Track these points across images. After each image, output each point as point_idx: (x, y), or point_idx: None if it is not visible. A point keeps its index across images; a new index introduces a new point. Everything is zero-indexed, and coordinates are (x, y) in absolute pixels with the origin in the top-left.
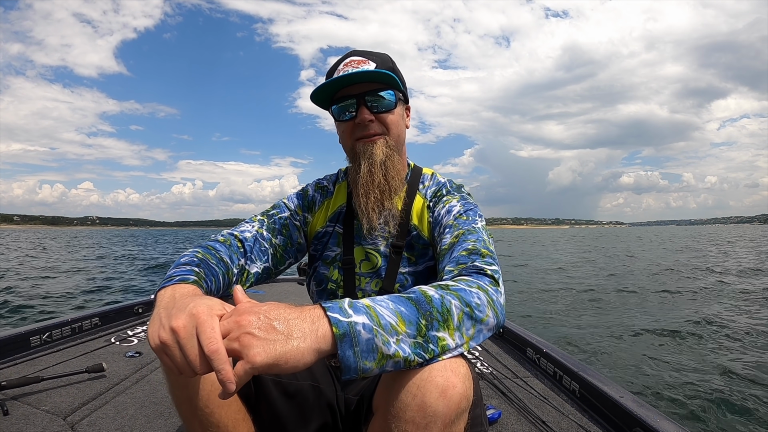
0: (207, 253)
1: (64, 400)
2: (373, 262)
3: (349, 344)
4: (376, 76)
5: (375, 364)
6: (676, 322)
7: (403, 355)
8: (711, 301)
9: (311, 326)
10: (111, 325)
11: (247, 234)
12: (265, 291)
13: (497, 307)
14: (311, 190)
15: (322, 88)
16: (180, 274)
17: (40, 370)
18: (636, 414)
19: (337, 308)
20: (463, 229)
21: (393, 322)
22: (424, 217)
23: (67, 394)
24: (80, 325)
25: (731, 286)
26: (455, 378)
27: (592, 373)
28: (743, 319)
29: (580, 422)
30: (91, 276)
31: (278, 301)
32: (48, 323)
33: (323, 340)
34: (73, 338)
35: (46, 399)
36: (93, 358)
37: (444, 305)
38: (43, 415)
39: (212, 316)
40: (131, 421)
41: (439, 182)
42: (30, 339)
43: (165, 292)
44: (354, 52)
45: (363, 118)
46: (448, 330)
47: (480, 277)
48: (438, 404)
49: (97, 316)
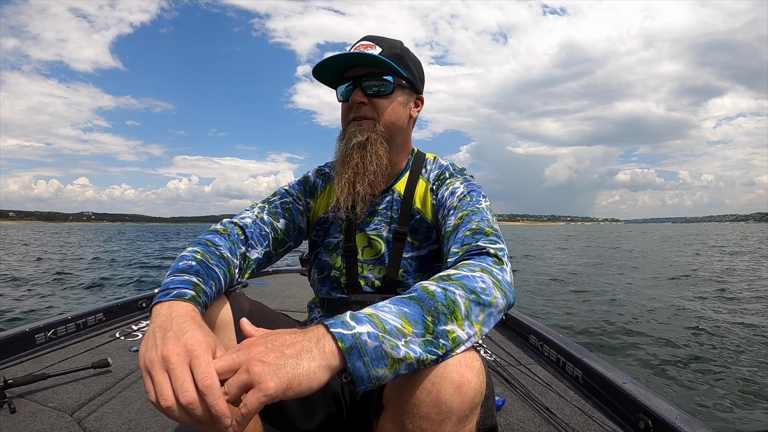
0: (206, 252)
1: (71, 397)
2: (376, 248)
3: (358, 355)
4: (373, 60)
5: (388, 371)
6: (684, 314)
7: (415, 356)
8: (726, 305)
9: (317, 345)
10: (115, 320)
11: (247, 220)
12: (268, 282)
13: (504, 286)
14: (312, 176)
15: (323, 64)
16: (177, 286)
17: (46, 367)
18: (639, 400)
19: (339, 323)
20: (467, 210)
21: (398, 325)
22: (427, 200)
23: (74, 390)
24: (85, 321)
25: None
26: (470, 373)
27: (595, 359)
28: (747, 317)
29: (583, 408)
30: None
31: (281, 292)
32: (52, 320)
33: (331, 356)
34: (78, 334)
35: (53, 396)
36: (98, 354)
37: (448, 297)
38: (50, 411)
39: (207, 352)
40: (138, 415)
41: (442, 165)
42: (35, 336)
43: (161, 308)
44: (367, 37)
45: (354, 99)
46: (457, 321)
47: (483, 258)
48: (453, 400)
49: (101, 312)
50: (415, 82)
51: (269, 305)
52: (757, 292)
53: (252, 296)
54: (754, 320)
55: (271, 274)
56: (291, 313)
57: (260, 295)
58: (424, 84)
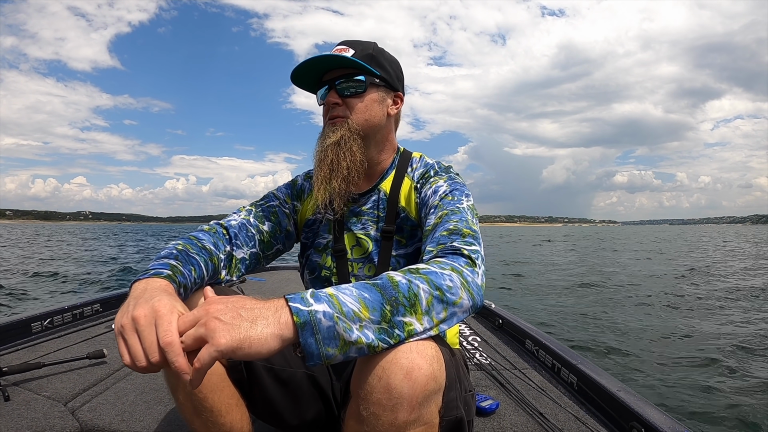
0: (187, 244)
1: (65, 386)
2: (365, 247)
3: (311, 332)
4: (344, 61)
5: (338, 351)
6: (680, 321)
7: (366, 341)
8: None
9: (274, 314)
10: (112, 312)
11: (232, 222)
12: (266, 279)
13: (472, 288)
14: (300, 180)
15: (299, 70)
16: (156, 267)
17: (41, 356)
18: (632, 407)
19: (299, 298)
20: (447, 210)
21: (356, 309)
22: (411, 198)
23: (68, 380)
24: (81, 311)
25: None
26: (421, 359)
27: (590, 366)
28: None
29: (577, 414)
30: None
31: (278, 288)
32: (49, 309)
33: (285, 327)
34: (75, 324)
35: (47, 385)
36: (94, 344)
37: (411, 290)
38: (44, 400)
39: (172, 312)
40: (131, 407)
41: (427, 164)
42: (31, 325)
43: (139, 284)
44: (342, 42)
45: (329, 100)
46: (416, 315)
47: (455, 258)
48: (403, 386)
49: (98, 303)
50: (391, 79)
51: None
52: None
53: (249, 292)
54: (755, 320)
55: (269, 271)
56: None
57: (257, 290)
58: (402, 82)
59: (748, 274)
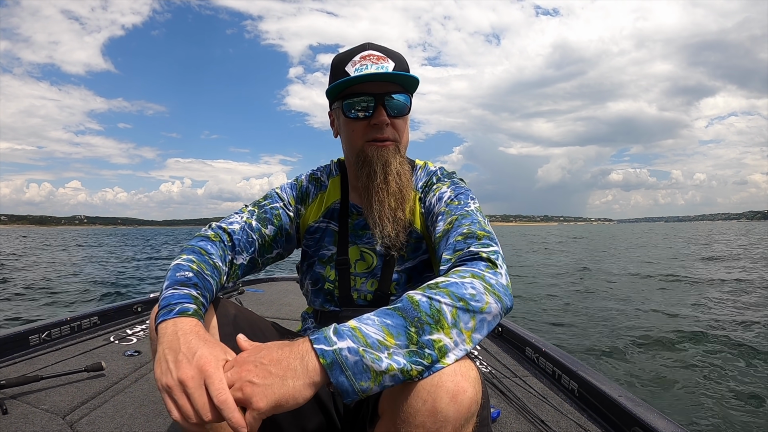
0: (201, 262)
1: (63, 399)
2: (369, 261)
3: (339, 370)
4: (401, 78)
5: (372, 383)
6: (677, 323)
7: (398, 367)
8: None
9: (301, 363)
10: (110, 324)
11: (235, 226)
12: (264, 290)
13: (498, 290)
14: (305, 181)
15: (344, 83)
16: (179, 301)
17: (39, 369)
18: (634, 413)
19: (323, 338)
20: (456, 215)
21: (380, 338)
22: (416, 209)
23: (66, 393)
24: (79, 324)
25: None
26: (465, 382)
27: (591, 373)
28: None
29: (578, 421)
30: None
31: (277, 300)
32: (47, 322)
33: (314, 373)
34: (72, 337)
35: (45, 398)
36: (92, 357)
37: (433, 306)
38: (42, 414)
39: (219, 368)
40: (130, 420)
41: (430, 171)
42: (29, 338)
43: (166, 327)
44: (371, 45)
45: (381, 120)
46: (443, 330)
47: (474, 263)
48: (449, 409)
49: (96, 315)
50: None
51: (264, 313)
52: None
53: (247, 303)
54: (754, 320)
55: (267, 282)
56: (285, 321)
57: (256, 302)
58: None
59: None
